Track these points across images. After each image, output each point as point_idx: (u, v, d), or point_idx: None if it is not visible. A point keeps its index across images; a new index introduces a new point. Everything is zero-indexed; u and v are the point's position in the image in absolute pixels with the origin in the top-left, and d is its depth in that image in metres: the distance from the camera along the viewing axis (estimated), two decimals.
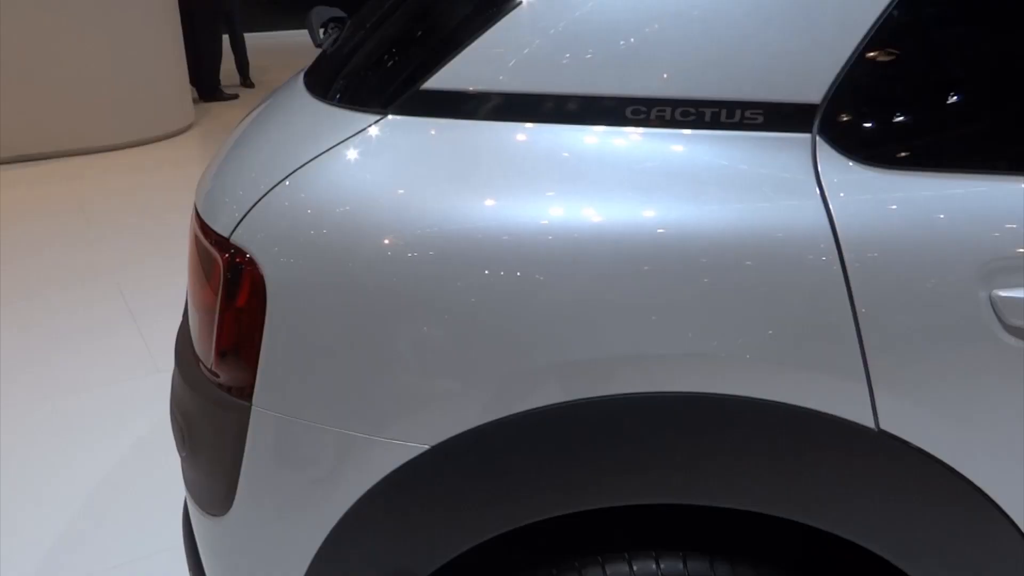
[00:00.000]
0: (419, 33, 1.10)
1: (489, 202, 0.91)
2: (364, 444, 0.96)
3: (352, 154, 0.97)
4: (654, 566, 0.97)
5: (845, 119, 0.89)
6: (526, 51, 0.94)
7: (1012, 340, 0.86)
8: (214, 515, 1.10)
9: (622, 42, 0.92)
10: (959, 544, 0.96)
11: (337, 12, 1.43)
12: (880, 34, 0.88)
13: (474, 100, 0.95)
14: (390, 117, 0.98)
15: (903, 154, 0.90)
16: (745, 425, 0.92)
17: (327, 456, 0.98)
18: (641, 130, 0.92)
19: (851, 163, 0.89)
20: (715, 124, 0.90)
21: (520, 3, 0.94)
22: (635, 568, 0.98)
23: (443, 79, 0.96)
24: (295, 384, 0.97)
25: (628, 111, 0.92)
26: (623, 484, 0.95)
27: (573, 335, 0.89)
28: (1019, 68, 0.91)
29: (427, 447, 0.93)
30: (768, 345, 0.88)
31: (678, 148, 0.91)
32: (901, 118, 0.91)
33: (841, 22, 0.89)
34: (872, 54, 0.88)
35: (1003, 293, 0.85)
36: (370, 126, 0.98)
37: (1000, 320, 0.86)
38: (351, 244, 0.93)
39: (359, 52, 1.17)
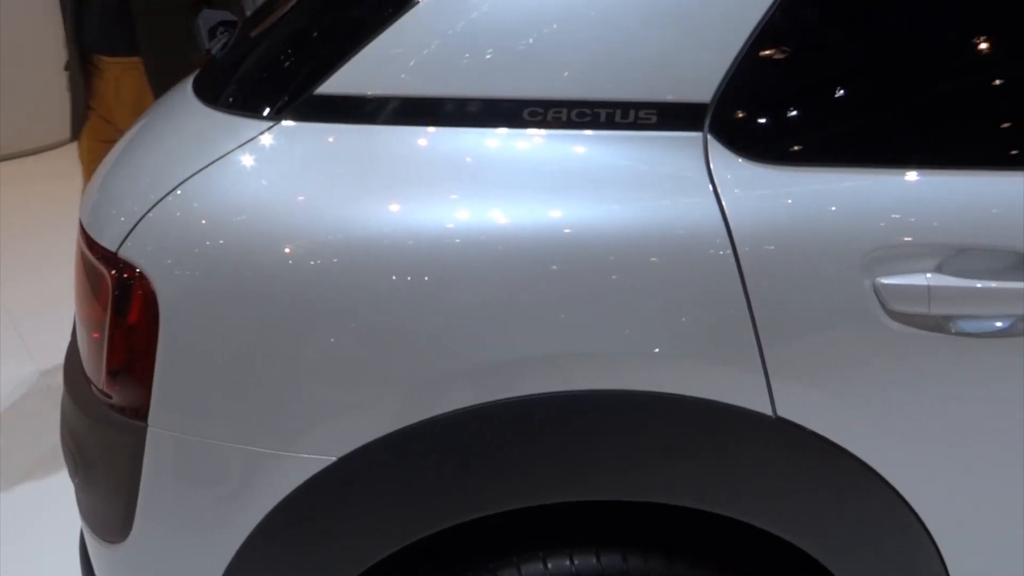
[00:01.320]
0: (312, 36, 1.08)
1: (393, 207, 0.90)
2: (270, 460, 0.93)
3: (247, 161, 0.95)
4: (568, 563, 0.98)
5: (734, 118, 0.92)
6: (425, 52, 0.93)
7: (895, 325, 0.91)
8: (112, 542, 1.05)
9: (518, 43, 0.93)
10: (856, 523, 1.00)
11: (226, 15, 1.39)
12: (763, 35, 0.91)
13: (372, 104, 0.94)
14: (284, 123, 0.95)
15: (790, 150, 0.93)
16: (651, 419, 0.94)
17: (230, 474, 0.95)
18: (539, 131, 0.93)
19: (741, 160, 0.92)
20: (610, 124, 0.92)
21: (416, 3, 0.94)
22: (550, 566, 0.98)
23: (338, 83, 0.94)
24: (193, 401, 0.94)
25: (526, 113, 0.92)
26: (535, 484, 0.96)
27: (482, 338, 0.89)
28: (898, 65, 0.96)
29: (335, 459, 0.92)
30: (670, 340, 0.90)
31: (576, 149, 0.92)
32: (787, 116, 0.94)
33: (726, 24, 0.92)
34: (756, 54, 0.91)
35: (885, 280, 0.90)
36: (263, 133, 0.95)
37: (883, 306, 0.90)
38: (250, 254, 0.90)
39: (250, 56, 1.14)
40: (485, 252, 0.89)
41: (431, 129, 0.94)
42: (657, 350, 0.90)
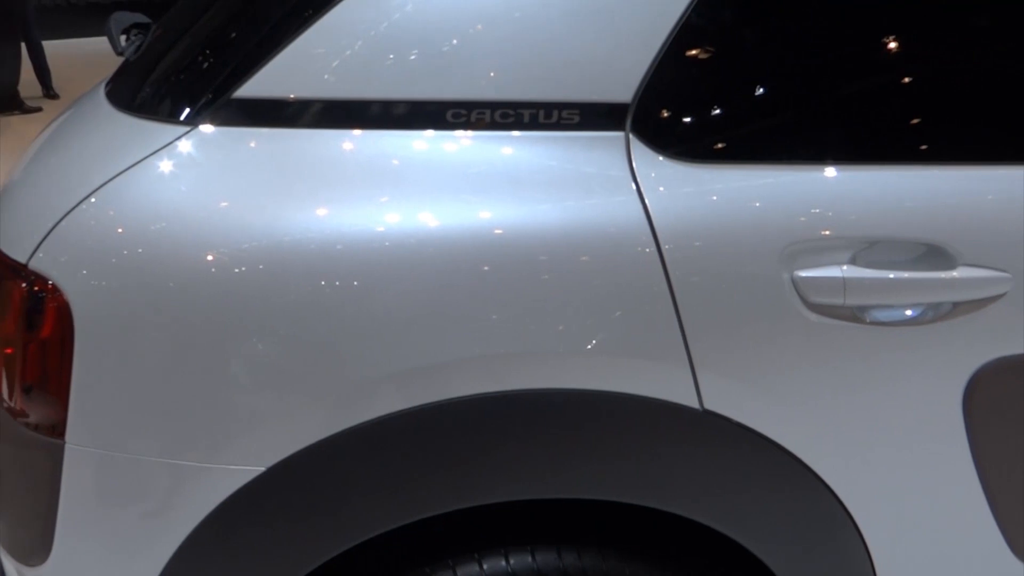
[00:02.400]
0: (230, 38, 1.06)
1: (320, 212, 0.89)
2: (195, 472, 0.91)
3: (164, 167, 0.92)
4: (503, 563, 0.98)
5: (654, 117, 0.94)
6: (348, 54, 0.92)
7: (814, 316, 0.93)
8: (31, 566, 1.01)
9: (441, 45, 0.92)
10: (783, 511, 1.03)
11: (140, 18, 1.35)
12: (681, 35, 0.93)
13: (294, 108, 0.93)
14: (202, 128, 0.93)
15: (710, 148, 0.95)
16: (583, 417, 0.95)
17: (155, 489, 0.93)
18: (464, 133, 0.93)
19: (663, 159, 0.93)
20: (534, 125, 0.92)
21: (336, 4, 0.93)
22: (485, 567, 0.98)
23: (258, 87, 0.93)
24: (113, 416, 0.91)
25: (449, 115, 0.92)
26: (468, 486, 0.96)
27: (413, 341, 0.89)
28: (813, 63, 0.99)
29: (263, 469, 0.90)
30: (598, 338, 0.91)
31: (501, 150, 0.93)
32: (706, 114, 0.96)
33: (645, 24, 0.93)
34: (675, 54, 0.93)
35: (803, 273, 0.93)
36: (181, 138, 0.93)
37: (802, 298, 0.93)
38: (170, 263, 0.88)
39: (166, 59, 1.11)
40: (414, 255, 0.88)
41: (357, 132, 0.93)
42: (586, 348, 0.91)
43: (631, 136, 0.93)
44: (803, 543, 1.05)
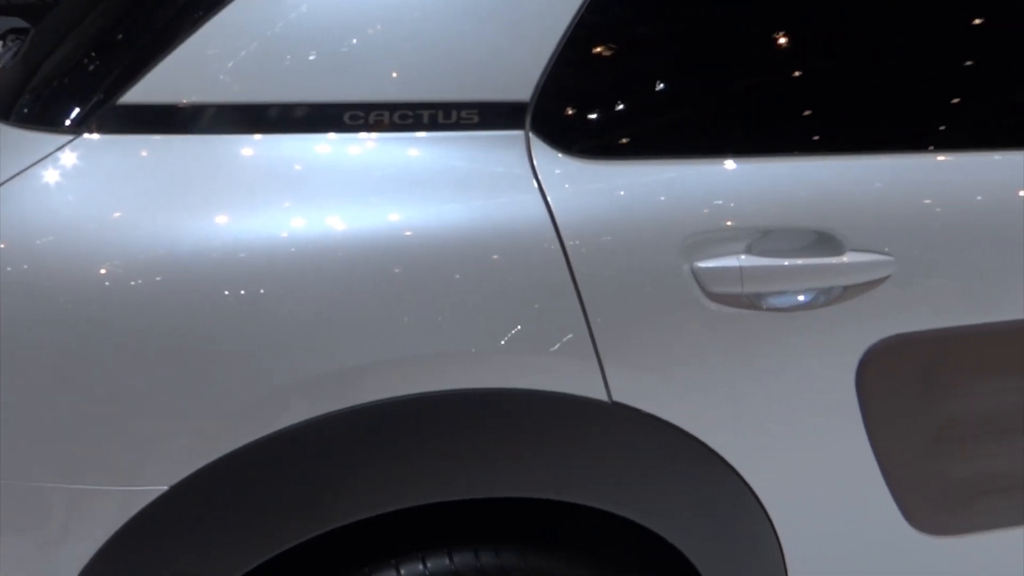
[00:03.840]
0: (115, 40, 1.02)
1: (221, 220, 0.87)
2: (96, 496, 0.87)
3: (48, 178, 0.88)
4: (420, 566, 0.98)
5: (554, 115, 0.95)
6: (242, 55, 0.90)
7: (714, 305, 0.96)
8: None
9: (338, 45, 0.91)
10: (693, 498, 1.05)
11: (18, 22, 1.29)
12: (576, 34, 0.94)
13: (187, 113, 0.90)
14: (87, 136, 0.89)
15: (609, 145, 0.97)
16: (495, 415, 0.95)
17: (53, 516, 0.89)
18: (363, 135, 0.92)
19: (564, 156, 0.94)
20: (434, 126, 0.92)
21: (229, 3, 0.90)
22: (402, 572, 0.98)
23: (146, 92, 0.90)
24: (5, 441, 0.86)
25: (347, 117, 0.91)
26: (384, 492, 0.95)
27: (322, 347, 0.87)
28: (707, 59, 1.02)
29: (167, 488, 0.87)
30: (507, 336, 0.92)
31: (401, 151, 0.92)
32: (604, 111, 0.98)
33: (541, 24, 0.94)
34: (572, 52, 0.95)
35: (702, 264, 0.95)
36: (64, 147, 0.89)
37: (702, 288, 0.96)
38: (60, 278, 0.85)
39: (46, 64, 1.06)
40: (321, 260, 0.87)
41: (255, 136, 0.91)
42: (494, 347, 0.92)
43: (531, 135, 0.94)
44: (714, 527, 1.08)
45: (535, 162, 0.93)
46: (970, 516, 1.19)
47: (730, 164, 0.99)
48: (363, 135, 0.92)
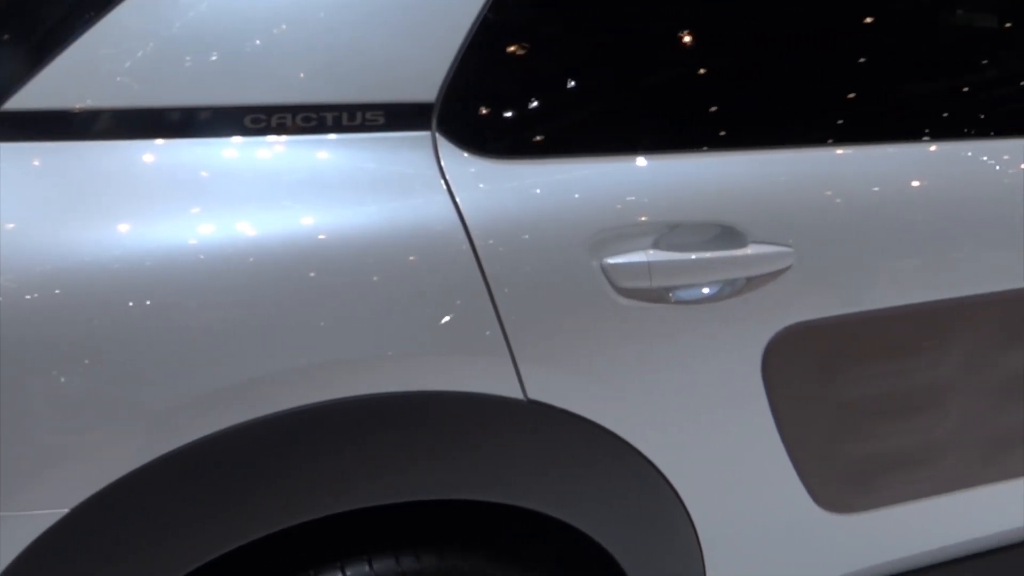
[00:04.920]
0: None
1: (123, 228, 0.84)
2: None
3: None
4: (340, 575, 0.96)
5: (460, 115, 0.95)
6: (139, 56, 0.87)
7: (624, 301, 0.98)
8: None
9: (236, 46, 0.89)
10: (612, 491, 1.07)
11: None
12: (479, 34, 0.94)
13: (81, 118, 0.86)
14: None
15: (516, 144, 0.98)
16: (412, 419, 0.94)
17: None
18: (267, 139, 0.90)
19: (471, 156, 0.94)
20: (338, 128, 0.91)
21: (120, 1, 0.87)
22: None
23: (33, 96, 0.85)
24: None
25: (247, 120, 0.89)
26: (302, 501, 0.93)
27: (235, 355, 0.85)
28: (611, 58, 1.03)
29: (67, 511, 0.83)
30: (420, 339, 0.91)
31: (306, 155, 0.90)
32: (510, 110, 0.99)
33: (444, 24, 0.94)
34: (476, 52, 0.95)
35: (611, 260, 0.97)
36: None
37: (612, 284, 0.97)
38: None
39: None
40: (232, 266, 0.85)
41: (157, 142, 0.88)
42: (409, 350, 0.91)
43: (437, 135, 0.93)
44: (632, 519, 1.10)
45: (442, 163, 0.93)
46: (871, 493, 1.24)
47: (636, 161, 1.01)
48: (265, 138, 0.89)
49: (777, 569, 1.25)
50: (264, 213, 0.87)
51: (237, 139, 0.89)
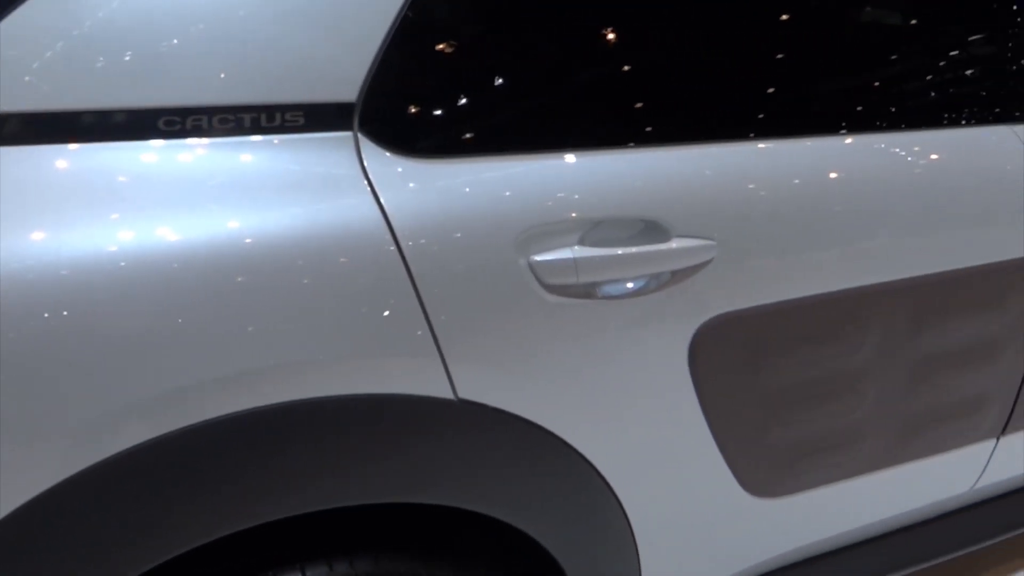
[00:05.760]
0: None
1: (38, 237, 0.80)
2: None
3: None
4: None
5: (382, 115, 0.94)
6: (49, 56, 0.83)
7: (551, 297, 0.99)
8: None
9: (149, 47, 0.86)
10: (547, 488, 1.08)
11: None
12: (399, 34, 0.94)
13: None
14: None
15: (439, 143, 0.97)
16: (343, 423, 0.93)
17: None
18: (182, 142, 0.87)
19: (394, 156, 0.94)
20: (256, 129, 0.89)
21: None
22: None
23: None
24: None
25: (161, 123, 0.86)
26: (234, 510, 0.91)
27: (159, 365, 0.83)
28: (534, 55, 1.04)
29: None
30: (348, 342, 0.90)
31: (224, 157, 0.88)
32: (433, 109, 0.98)
33: (364, 23, 0.93)
34: (397, 51, 0.94)
35: (537, 258, 0.97)
36: None
37: (539, 281, 0.98)
38: None
39: None
40: (155, 273, 0.82)
41: (71, 146, 0.84)
42: (339, 354, 0.90)
43: (360, 135, 0.92)
44: (567, 515, 1.11)
45: (365, 163, 0.92)
46: (797, 477, 1.28)
47: (561, 158, 1.02)
48: (183, 141, 0.87)
49: (709, 555, 1.28)
50: (184, 218, 0.85)
51: (152, 142, 0.86)
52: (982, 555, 1.82)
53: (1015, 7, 1.38)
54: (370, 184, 0.91)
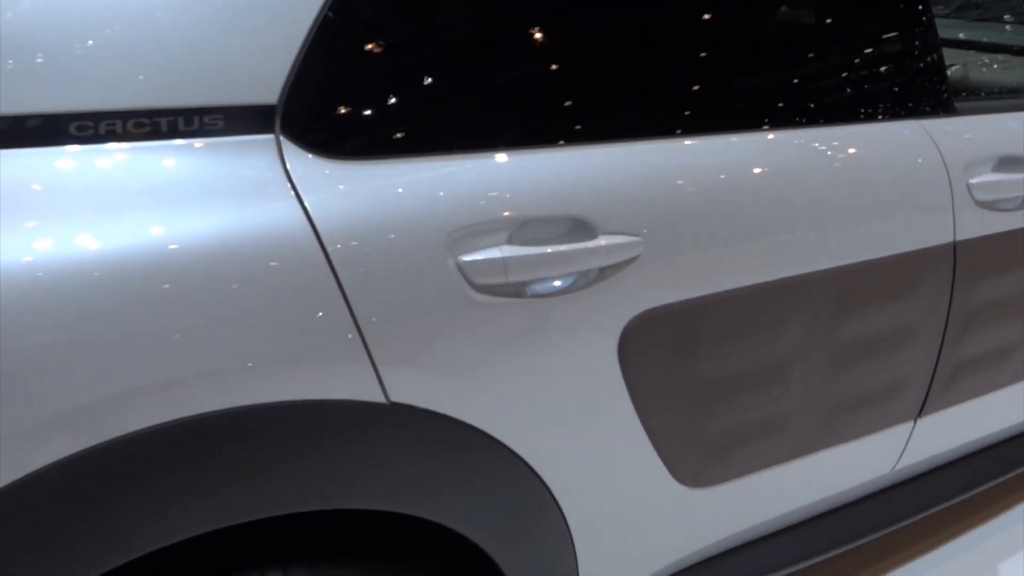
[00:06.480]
0: None
1: None
2: None
3: None
4: None
5: (304, 117, 0.92)
6: None
7: (481, 297, 0.99)
8: None
9: (60, 49, 0.83)
10: (482, 488, 1.08)
11: None
12: (320, 34, 0.92)
13: None
14: None
15: (364, 145, 0.96)
16: (273, 430, 0.91)
17: None
18: (96, 147, 0.84)
19: (318, 159, 0.92)
20: (174, 133, 0.87)
21: None
22: None
23: None
24: None
25: (73, 128, 0.83)
26: (163, 523, 0.88)
27: (80, 376, 0.80)
28: (458, 55, 1.03)
29: None
30: (277, 348, 0.88)
31: (142, 162, 0.86)
32: (357, 111, 0.97)
33: (284, 24, 0.92)
34: (318, 52, 0.93)
35: (466, 258, 0.97)
36: None
37: (468, 282, 0.98)
38: None
39: None
40: (67, 284, 0.79)
41: None
42: (264, 360, 0.88)
43: (282, 138, 0.91)
44: (503, 513, 1.11)
45: (288, 166, 0.90)
46: (726, 466, 1.31)
47: (489, 158, 1.02)
48: (97, 147, 0.84)
49: (645, 546, 1.30)
50: (102, 225, 0.82)
51: (67, 148, 0.83)
52: (899, 537, 1.90)
53: (920, 7, 1.44)
54: (293, 187, 0.90)
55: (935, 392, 1.55)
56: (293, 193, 0.90)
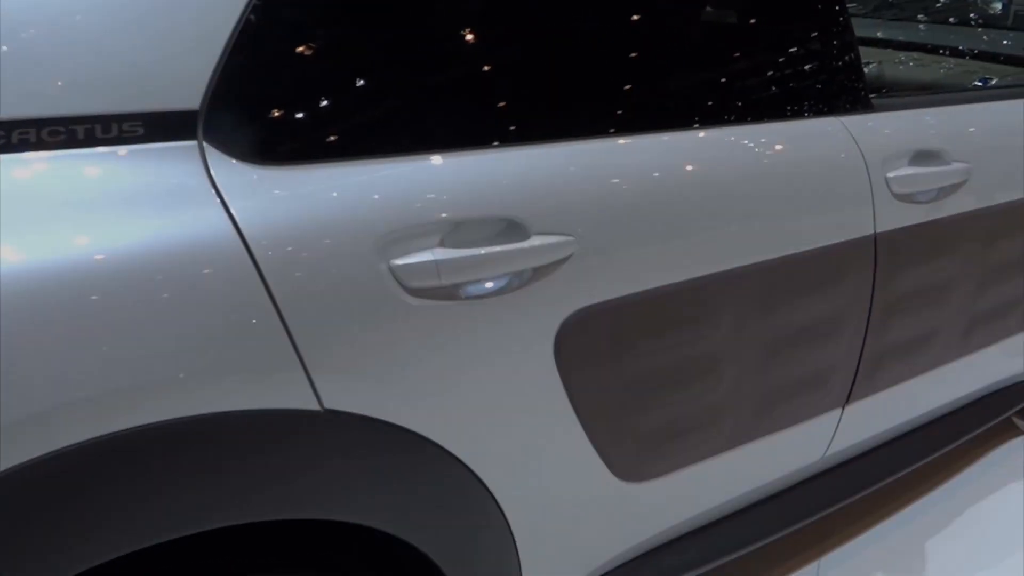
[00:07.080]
0: None
1: None
2: None
3: None
4: None
5: (228, 122, 0.90)
6: None
7: (415, 301, 0.98)
8: None
9: None
10: (423, 492, 1.07)
11: None
12: (242, 38, 0.91)
13: None
14: None
15: (291, 150, 0.95)
16: (207, 442, 0.89)
17: None
18: (15, 156, 0.81)
19: (243, 165, 0.91)
20: (92, 141, 0.84)
21: None
22: None
23: None
24: None
25: None
26: (94, 542, 0.86)
27: (7, 391, 0.77)
28: (383, 58, 1.02)
29: None
30: (206, 359, 0.86)
31: (58, 172, 0.83)
32: (282, 115, 0.95)
33: (204, 28, 0.90)
34: (240, 57, 0.91)
35: (398, 262, 0.96)
36: None
37: (401, 285, 0.97)
38: None
39: None
40: None
41: None
42: (195, 372, 0.86)
43: (205, 144, 0.89)
44: (444, 517, 1.11)
45: (212, 173, 0.89)
46: (663, 459, 1.33)
47: (419, 160, 1.01)
48: (12, 156, 0.81)
49: (587, 542, 1.32)
50: (21, 237, 0.79)
51: None
52: (833, 521, 1.95)
53: (836, 7, 1.49)
54: (218, 194, 0.88)
55: (861, 379, 1.60)
56: (219, 200, 0.88)
